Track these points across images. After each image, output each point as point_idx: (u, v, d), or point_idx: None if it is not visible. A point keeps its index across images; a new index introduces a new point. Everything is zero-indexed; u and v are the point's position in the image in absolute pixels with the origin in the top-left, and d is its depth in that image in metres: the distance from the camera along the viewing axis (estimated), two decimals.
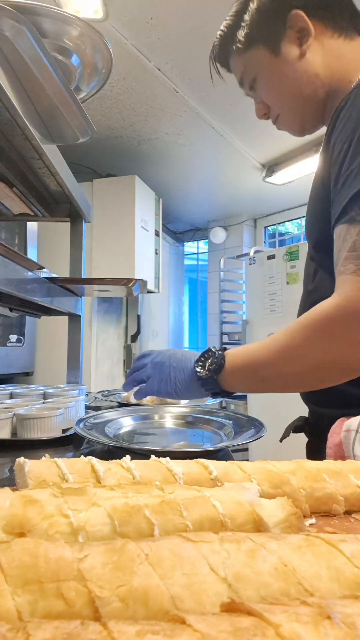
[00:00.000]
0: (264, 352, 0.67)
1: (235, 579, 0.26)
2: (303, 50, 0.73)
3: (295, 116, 0.80)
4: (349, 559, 0.28)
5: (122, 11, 1.72)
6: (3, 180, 1.18)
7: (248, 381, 0.70)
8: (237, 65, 0.81)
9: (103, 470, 0.45)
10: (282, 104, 0.79)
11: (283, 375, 0.66)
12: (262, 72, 0.77)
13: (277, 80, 0.76)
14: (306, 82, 0.74)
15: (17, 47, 0.63)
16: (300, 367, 0.63)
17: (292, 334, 0.64)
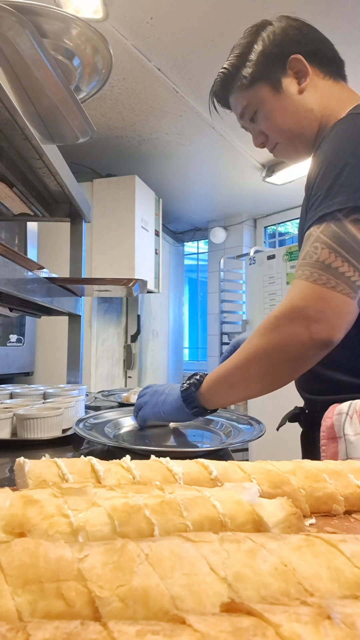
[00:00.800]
0: (229, 361, 0.76)
1: (235, 579, 0.26)
2: (302, 88, 0.84)
3: (291, 145, 0.90)
4: (349, 559, 0.28)
5: (122, 11, 1.72)
6: (3, 180, 1.18)
7: (221, 391, 0.78)
8: (239, 100, 0.91)
9: (103, 470, 0.45)
10: (281, 134, 0.89)
11: (245, 376, 0.74)
12: (264, 106, 0.87)
13: (277, 113, 0.86)
14: (303, 115, 0.85)
15: (17, 47, 0.63)
16: (255, 362, 0.72)
17: (250, 339, 0.74)
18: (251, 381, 0.75)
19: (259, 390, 0.77)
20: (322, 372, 0.81)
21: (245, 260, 3.41)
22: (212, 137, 2.68)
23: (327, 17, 1.68)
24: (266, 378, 0.73)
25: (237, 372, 0.75)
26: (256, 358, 0.72)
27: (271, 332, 0.70)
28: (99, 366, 2.92)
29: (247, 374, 0.74)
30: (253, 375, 0.74)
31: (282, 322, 0.69)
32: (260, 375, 0.73)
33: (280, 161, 3.01)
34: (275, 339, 0.70)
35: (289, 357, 0.70)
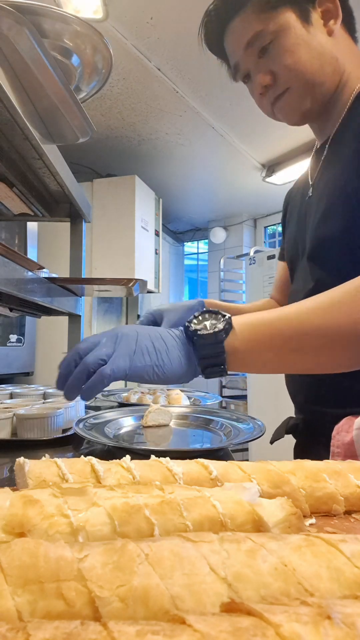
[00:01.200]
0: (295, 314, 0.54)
1: (235, 579, 0.26)
2: (331, 29, 0.71)
3: (306, 95, 0.73)
4: (349, 559, 0.28)
5: (122, 11, 1.72)
6: (3, 180, 1.18)
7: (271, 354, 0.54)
8: (253, 23, 0.72)
9: (103, 470, 0.45)
10: (300, 75, 0.71)
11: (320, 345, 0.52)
12: (287, 35, 0.70)
13: (304, 48, 0.70)
14: (329, 60, 0.71)
15: (17, 47, 0.63)
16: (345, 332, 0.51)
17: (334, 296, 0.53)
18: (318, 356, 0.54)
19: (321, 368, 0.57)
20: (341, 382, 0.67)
21: (245, 260, 3.41)
22: (212, 137, 2.68)
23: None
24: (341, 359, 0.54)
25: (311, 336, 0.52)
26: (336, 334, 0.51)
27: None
28: None
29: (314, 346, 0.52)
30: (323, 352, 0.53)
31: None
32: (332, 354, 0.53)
33: (281, 161, 3.01)
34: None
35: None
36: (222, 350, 0.53)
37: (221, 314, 0.55)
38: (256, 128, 2.51)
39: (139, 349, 0.52)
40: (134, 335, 0.53)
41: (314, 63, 0.71)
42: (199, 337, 0.53)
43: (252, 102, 0.85)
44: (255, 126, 2.48)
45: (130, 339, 0.52)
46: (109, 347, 0.52)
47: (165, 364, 0.52)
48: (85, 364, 0.51)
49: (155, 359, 0.52)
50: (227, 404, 3.30)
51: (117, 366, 0.50)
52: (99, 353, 0.51)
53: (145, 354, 0.52)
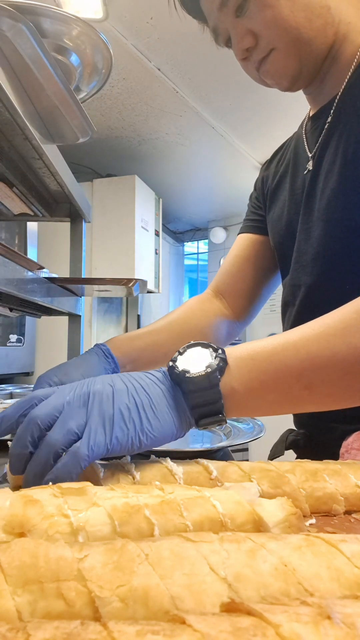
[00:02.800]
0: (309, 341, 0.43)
1: (235, 579, 0.26)
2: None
3: (294, 55, 0.63)
4: (349, 559, 0.28)
5: (122, 11, 1.72)
6: (3, 180, 1.18)
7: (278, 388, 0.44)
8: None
9: (103, 470, 0.45)
10: (283, 33, 0.61)
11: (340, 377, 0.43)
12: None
13: (283, 2, 0.59)
14: (318, 12, 0.60)
15: (17, 47, 0.63)
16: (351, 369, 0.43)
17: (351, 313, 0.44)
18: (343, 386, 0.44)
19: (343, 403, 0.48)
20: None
21: None
22: (212, 137, 2.68)
23: None
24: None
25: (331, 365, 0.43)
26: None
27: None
28: None
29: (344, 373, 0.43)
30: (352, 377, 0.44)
31: None
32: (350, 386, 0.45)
33: None
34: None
35: None
36: (218, 396, 0.42)
37: (212, 347, 0.45)
38: (256, 128, 2.51)
39: (117, 411, 0.39)
40: (109, 391, 0.40)
41: (299, 16, 0.59)
42: (187, 382, 0.42)
43: (252, 102, 0.84)
44: (255, 126, 2.48)
45: (105, 398, 0.40)
46: (79, 414, 0.39)
47: (154, 426, 0.41)
48: (51, 445, 0.38)
49: (140, 422, 0.40)
50: None
51: (94, 442, 0.38)
52: (69, 426, 0.38)
53: (127, 418, 0.40)
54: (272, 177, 0.86)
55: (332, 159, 0.66)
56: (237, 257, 0.90)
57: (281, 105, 2.23)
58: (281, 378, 0.43)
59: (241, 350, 0.45)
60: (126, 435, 0.40)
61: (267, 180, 0.88)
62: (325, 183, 0.67)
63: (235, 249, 0.91)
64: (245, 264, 0.88)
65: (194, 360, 0.44)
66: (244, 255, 0.89)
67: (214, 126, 2.54)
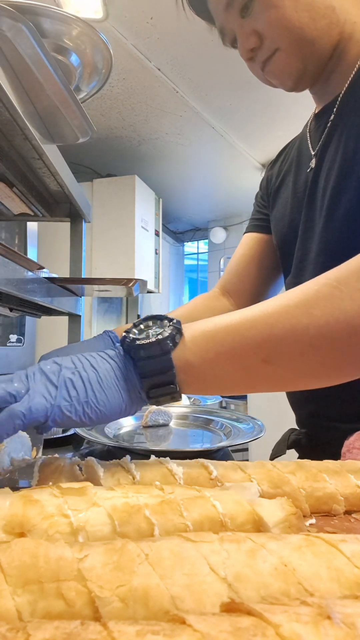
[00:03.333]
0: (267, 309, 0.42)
1: (235, 579, 0.26)
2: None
3: (298, 55, 0.64)
4: (349, 559, 0.28)
5: (122, 11, 1.72)
6: (3, 180, 1.18)
7: (235, 361, 0.42)
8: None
9: (103, 470, 0.45)
10: (287, 34, 0.62)
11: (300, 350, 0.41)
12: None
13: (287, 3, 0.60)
14: (321, 12, 0.60)
15: (17, 47, 0.63)
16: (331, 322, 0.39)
17: (312, 286, 0.42)
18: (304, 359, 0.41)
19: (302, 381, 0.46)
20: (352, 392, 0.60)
21: None
22: (212, 137, 2.68)
23: None
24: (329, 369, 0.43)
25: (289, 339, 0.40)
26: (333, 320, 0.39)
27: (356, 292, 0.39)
28: None
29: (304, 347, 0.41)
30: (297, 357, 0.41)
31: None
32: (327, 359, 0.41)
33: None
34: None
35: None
36: (170, 365, 0.41)
37: (167, 319, 0.44)
38: (256, 128, 2.51)
39: (62, 382, 0.41)
40: (56, 368, 0.42)
41: (303, 16, 0.60)
42: (137, 348, 0.42)
43: (252, 102, 0.84)
44: (255, 126, 2.48)
45: (50, 371, 0.41)
46: (22, 381, 0.41)
47: (99, 399, 0.41)
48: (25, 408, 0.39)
49: (85, 394, 0.41)
50: (227, 404, 3.30)
51: (33, 404, 0.39)
52: (8, 386, 0.40)
53: (71, 388, 0.40)
54: (275, 176, 0.86)
55: (334, 157, 0.66)
56: (243, 256, 0.90)
57: (282, 106, 2.23)
58: (238, 350, 0.41)
59: (199, 324, 0.44)
60: (71, 406, 0.40)
61: (272, 179, 0.87)
62: (327, 180, 0.66)
63: (241, 248, 0.92)
64: (251, 263, 0.89)
65: (149, 331, 0.43)
66: (249, 254, 0.90)
67: (214, 126, 2.54)
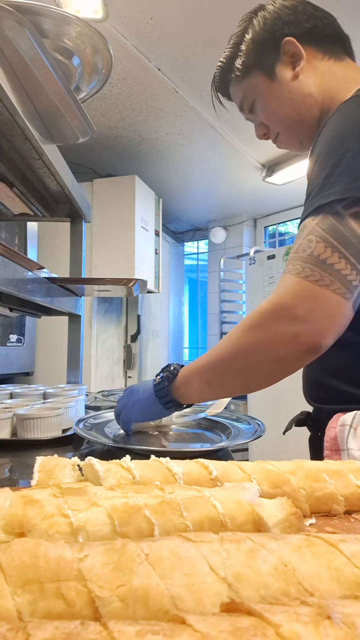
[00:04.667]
0: (207, 355, 0.72)
1: (235, 579, 0.26)
2: (296, 73, 0.79)
3: (293, 133, 0.85)
4: (349, 559, 0.28)
5: (122, 11, 1.72)
6: (3, 180, 1.18)
7: (196, 387, 0.74)
8: (237, 92, 0.87)
9: (103, 470, 0.45)
10: (280, 123, 0.84)
11: (222, 374, 0.70)
12: (260, 95, 0.83)
13: (274, 101, 0.82)
14: (301, 101, 0.79)
15: (17, 47, 0.63)
16: (235, 362, 0.67)
17: (229, 334, 0.69)
18: (228, 379, 0.70)
19: (237, 389, 0.74)
20: (328, 382, 0.77)
21: (245, 260, 3.41)
22: (212, 137, 2.68)
23: None
24: (245, 378, 0.69)
25: (213, 368, 0.70)
26: (236, 356, 0.67)
27: (254, 329, 0.64)
28: (99, 366, 2.92)
29: (224, 372, 0.69)
30: (231, 374, 0.69)
31: (267, 320, 0.63)
32: (238, 374, 0.69)
33: (281, 161, 3.01)
34: (257, 337, 0.64)
35: (271, 358, 0.64)
36: (168, 392, 0.76)
37: (172, 368, 0.78)
38: None
39: (133, 400, 0.82)
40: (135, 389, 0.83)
41: (286, 110, 0.81)
42: (154, 387, 0.78)
43: None
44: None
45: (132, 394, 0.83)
46: (122, 401, 0.84)
47: (143, 409, 0.80)
48: (116, 414, 0.86)
49: (140, 410, 0.81)
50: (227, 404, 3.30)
51: (124, 416, 0.84)
52: (119, 405, 0.85)
53: (135, 404, 0.81)
54: None
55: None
56: None
57: None
58: (195, 379, 0.74)
59: (187, 367, 0.76)
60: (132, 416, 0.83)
61: None
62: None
63: None
64: None
65: (162, 375, 0.78)
66: None
67: (214, 126, 2.54)
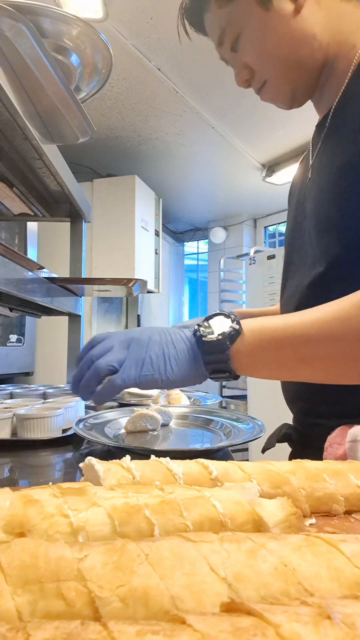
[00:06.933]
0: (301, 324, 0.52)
1: (235, 579, 0.26)
2: (298, 5, 0.64)
3: (286, 82, 0.69)
4: (349, 559, 0.28)
5: (122, 11, 1.72)
6: (3, 180, 1.18)
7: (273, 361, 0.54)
8: (217, 21, 0.69)
9: (103, 470, 0.45)
10: (271, 66, 0.68)
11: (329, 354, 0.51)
12: (249, 28, 0.66)
13: (267, 37, 0.65)
14: (302, 41, 0.65)
15: (17, 47, 0.63)
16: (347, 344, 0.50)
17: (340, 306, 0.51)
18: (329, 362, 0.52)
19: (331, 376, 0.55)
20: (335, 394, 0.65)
21: (245, 260, 3.41)
22: (212, 137, 2.68)
23: None
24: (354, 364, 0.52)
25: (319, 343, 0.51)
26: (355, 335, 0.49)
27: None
28: None
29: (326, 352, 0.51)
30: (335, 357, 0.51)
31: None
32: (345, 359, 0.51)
33: (281, 161, 3.01)
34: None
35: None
36: (227, 358, 0.52)
37: (232, 317, 0.54)
38: (256, 128, 2.51)
39: (148, 357, 0.53)
40: (146, 340, 0.54)
41: (283, 48, 0.65)
42: (204, 344, 0.53)
43: (252, 102, 0.86)
44: (255, 126, 2.48)
45: (141, 345, 0.54)
46: (120, 353, 0.54)
47: (174, 371, 0.53)
48: (97, 369, 0.54)
49: (164, 367, 0.53)
50: (227, 404, 3.30)
51: (127, 376, 0.52)
52: (110, 359, 0.53)
53: (155, 362, 0.53)
54: (290, 190, 0.89)
55: (322, 166, 0.69)
56: None
57: None
58: (281, 350, 0.53)
59: (254, 323, 0.54)
60: (152, 376, 0.53)
61: (289, 195, 0.90)
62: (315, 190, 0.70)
63: None
64: None
65: (214, 327, 0.54)
66: None
67: (214, 126, 2.54)
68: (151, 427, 0.89)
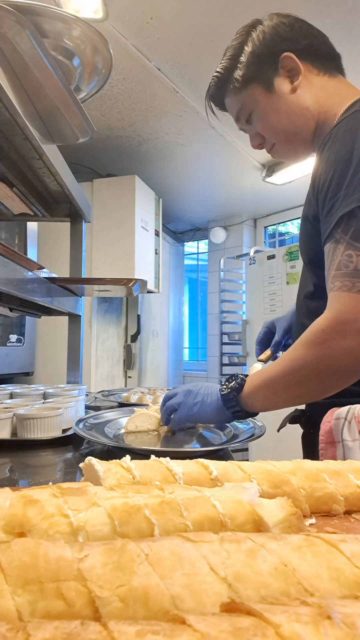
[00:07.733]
0: (273, 368, 0.75)
1: (235, 579, 0.26)
2: (294, 87, 0.83)
3: (288, 145, 0.89)
4: (349, 559, 0.28)
5: (122, 11, 1.72)
6: (3, 180, 1.18)
7: (264, 397, 0.76)
8: (234, 103, 0.90)
9: (103, 470, 0.45)
10: (276, 134, 0.88)
11: (290, 387, 0.73)
12: (258, 107, 0.87)
13: (272, 113, 0.86)
14: (298, 114, 0.84)
15: (17, 47, 0.63)
16: (302, 376, 0.71)
17: (294, 349, 0.72)
18: (296, 390, 0.73)
19: (305, 398, 0.79)
20: None
21: (245, 260, 3.41)
22: (212, 137, 2.68)
23: (327, 17, 1.68)
24: (313, 389, 0.73)
25: (281, 380, 0.73)
26: (302, 370, 0.70)
27: (319, 346, 0.68)
28: (99, 366, 2.92)
29: (291, 383, 0.72)
30: (299, 385, 0.72)
31: (331, 337, 0.67)
32: (306, 385, 0.72)
33: (280, 161, 3.01)
34: (324, 353, 0.68)
35: (337, 371, 0.69)
36: (236, 402, 0.78)
37: (240, 379, 0.79)
38: None
39: (193, 404, 0.82)
40: (194, 393, 0.83)
41: (283, 122, 0.86)
42: (222, 395, 0.80)
43: None
44: None
45: (191, 395, 0.83)
46: (178, 399, 0.84)
47: (208, 413, 0.81)
48: (166, 408, 0.86)
49: (201, 411, 0.81)
50: None
51: (180, 414, 0.83)
52: (172, 402, 0.85)
53: (196, 410, 0.81)
54: None
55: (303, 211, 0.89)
56: None
57: None
58: (263, 390, 0.76)
59: (254, 378, 0.78)
60: (193, 417, 0.82)
61: None
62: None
63: None
64: None
65: (230, 384, 0.80)
66: None
67: (214, 126, 2.54)
68: (151, 427, 0.89)
